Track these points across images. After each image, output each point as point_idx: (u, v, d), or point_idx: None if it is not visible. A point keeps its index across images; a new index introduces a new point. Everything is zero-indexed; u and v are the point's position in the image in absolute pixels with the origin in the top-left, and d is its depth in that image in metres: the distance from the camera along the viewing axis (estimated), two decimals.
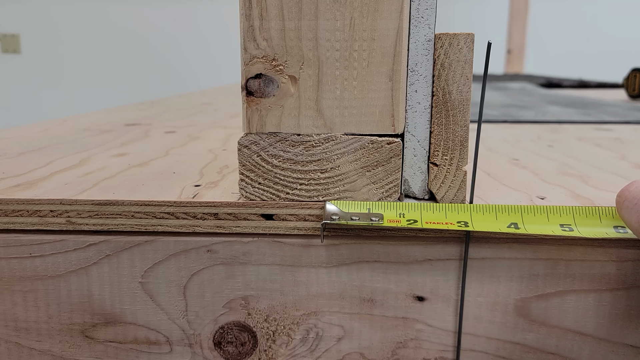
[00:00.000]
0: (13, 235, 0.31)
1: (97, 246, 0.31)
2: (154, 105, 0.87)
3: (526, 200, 0.30)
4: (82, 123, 0.63)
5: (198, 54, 2.95)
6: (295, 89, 0.28)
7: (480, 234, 0.30)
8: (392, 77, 0.28)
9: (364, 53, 0.28)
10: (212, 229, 0.30)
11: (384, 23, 0.27)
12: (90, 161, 0.41)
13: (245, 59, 0.28)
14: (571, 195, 0.31)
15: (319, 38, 0.28)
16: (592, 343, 0.31)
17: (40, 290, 0.31)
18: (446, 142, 0.29)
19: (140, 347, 0.32)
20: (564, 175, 0.37)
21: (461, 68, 0.28)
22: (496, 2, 2.80)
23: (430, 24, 0.28)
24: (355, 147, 0.29)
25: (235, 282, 0.31)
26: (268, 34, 0.28)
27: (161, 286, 0.31)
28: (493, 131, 0.59)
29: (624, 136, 0.56)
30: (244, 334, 0.32)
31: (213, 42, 2.93)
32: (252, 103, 0.29)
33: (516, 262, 0.30)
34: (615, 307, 0.30)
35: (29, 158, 0.42)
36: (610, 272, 0.30)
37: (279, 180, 0.30)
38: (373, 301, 0.31)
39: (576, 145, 0.50)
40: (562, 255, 0.30)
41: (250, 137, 0.29)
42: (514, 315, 0.31)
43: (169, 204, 0.30)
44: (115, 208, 0.30)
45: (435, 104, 0.29)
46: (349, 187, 0.30)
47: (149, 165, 0.39)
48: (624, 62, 2.56)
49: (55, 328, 0.32)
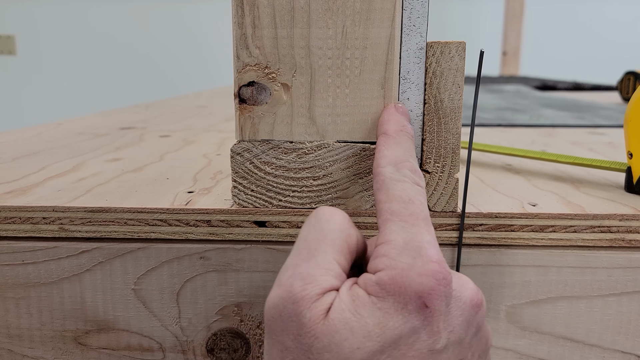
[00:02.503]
0: (5, 242, 0.31)
1: (90, 253, 0.31)
2: (149, 108, 0.87)
3: (518, 206, 0.31)
4: (77, 127, 0.63)
5: (194, 56, 2.95)
6: (287, 96, 0.28)
7: (472, 241, 0.30)
8: (384, 85, 0.28)
9: (356, 61, 0.28)
10: (205, 236, 0.30)
11: (376, 31, 0.27)
12: (84, 166, 0.41)
13: (238, 66, 0.28)
14: (562, 202, 0.32)
15: (311, 46, 0.28)
16: (584, 349, 0.31)
17: (33, 297, 0.31)
18: (438, 149, 0.29)
19: (133, 354, 0.32)
20: (556, 180, 0.37)
21: (453, 76, 0.28)
22: (491, 4, 2.81)
23: (422, 32, 0.28)
24: (347, 154, 0.29)
25: (228, 289, 0.31)
26: (261, 42, 0.28)
27: (154, 293, 0.31)
28: (487, 135, 0.59)
29: (617, 140, 0.56)
30: (237, 341, 0.32)
31: (209, 45, 2.93)
32: (245, 110, 0.29)
33: (508, 268, 0.30)
34: (607, 314, 0.31)
35: (23, 163, 0.42)
36: (601, 279, 0.30)
37: (271, 187, 0.30)
38: None
39: (570, 149, 0.50)
40: (553, 262, 0.30)
41: (243, 144, 0.29)
42: (505, 322, 0.31)
43: (162, 211, 0.30)
44: (108, 215, 0.30)
45: (427, 112, 0.29)
46: (342, 194, 0.30)
47: (143, 170, 0.39)
48: (619, 65, 2.58)
49: (48, 335, 0.32)
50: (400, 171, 0.25)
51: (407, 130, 0.27)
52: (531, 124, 0.68)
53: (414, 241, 0.22)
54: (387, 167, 0.25)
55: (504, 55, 2.34)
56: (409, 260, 0.22)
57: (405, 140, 0.26)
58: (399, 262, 0.22)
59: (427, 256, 0.22)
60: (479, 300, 0.23)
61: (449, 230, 0.30)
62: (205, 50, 2.94)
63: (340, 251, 0.23)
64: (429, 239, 0.22)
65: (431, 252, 0.22)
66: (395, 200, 0.23)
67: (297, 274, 0.22)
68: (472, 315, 0.23)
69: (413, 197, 0.24)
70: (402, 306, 0.21)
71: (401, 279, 0.21)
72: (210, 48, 2.94)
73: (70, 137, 0.55)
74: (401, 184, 0.24)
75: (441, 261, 0.22)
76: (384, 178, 0.24)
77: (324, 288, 0.22)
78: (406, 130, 0.27)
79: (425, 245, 0.22)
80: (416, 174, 0.25)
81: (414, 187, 0.24)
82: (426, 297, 0.21)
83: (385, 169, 0.25)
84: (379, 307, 0.21)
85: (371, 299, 0.21)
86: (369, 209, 0.30)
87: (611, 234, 0.30)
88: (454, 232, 0.30)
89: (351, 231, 0.24)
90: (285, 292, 0.22)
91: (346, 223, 0.24)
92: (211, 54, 2.94)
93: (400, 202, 0.23)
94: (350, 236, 0.24)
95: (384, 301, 0.21)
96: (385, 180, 0.24)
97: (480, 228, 0.30)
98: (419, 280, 0.21)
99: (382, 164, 0.25)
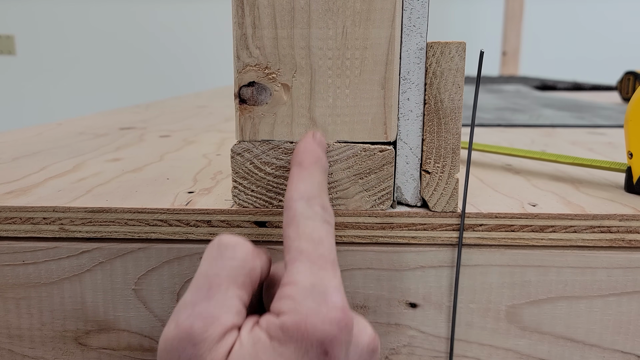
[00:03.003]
0: (6, 242, 0.31)
1: (91, 253, 0.31)
2: (149, 107, 0.87)
3: (518, 207, 0.31)
4: (77, 126, 0.63)
5: (194, 56, 2.95)
6: (288, 96, 0.28)
7: (472, 242, 0.30)
8: (384, 85, 0.28)
9: (357, 61, 0.28)
10: (206, 236, 0.30)
11: (376, 32, 0.27)
12: (84, 166, 0.41)
13: (238, 67, 0.28)
14: (562, 202, 0.32)
15: (311, 46, 0.28)
16: (584, 349, 0.31)
17: (33, 297, 0.31)
18: (438, 149, 0.29)
19: (133, 354, 0.32)
20: (556, 180, 0.37)
21: (453, 76, 0.28)
22: (491, 4, 2.80)
23: (422, 33, 0.28)
24: (347, 154, 0.29)
25: None
26: (261, 42, 0.28)
27: (154, 293, 0.31)
28: (487, 135, 0.59)
29: (616, 140, 0.56)
30: None
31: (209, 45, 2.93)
32: (245, 111, 0.29)
33: (508, 268, 0.30)
34: (607, 314, 0.31)
35: (23, 163, 0.42)
36: (601, 279, 0.30)
37: (272, 187, 0.30)
38: (366, 308, 0.31)
39: (569, 149, 0.50)
40: (553, 262, 0.30)
41: (243, 144, 0.29)
42: (505, 322, 0.31)
43: (162, 211, 0.30)
44: (109, 215, 0.30)
45: (427, 112, 0.29)
46: (342, 195, 0.30)
47: (143, 170, 0.39)
48: (618, 65, 2.58)
49: (49, 335, 0.32)
50: (311, 208, 0.24)
51: (321, 163, 0.27)
52: (531, 124, 0.68)
53: (320, 285, 0.22)
54: (299, 202, 0.24)
55: (504, 55, 2.34)
56: (313, 305, 0.21)
57: (319, 174, 0.26)
58: (303, 307, 0.21)
59: (332, 302, 0.22)
60: (375, 345, 0.24)
61: (449, 231, 0.30)
62: (206, 50, 2.94)
63: (242, 286, 0.23)
64: (335, 284, 0.22)
65: (336, 298, 0.22)
66: (305, 239, 0.23)
67: (197, 314, 0.22)
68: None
69: (323, 237, 0.23)
70: (304, 353, 0.21)
71: (305, 325, 0.21)
72: (210, 48, 2.93)
73: (70, 137, 0.55)
74: (312, 222, 0.24)
75: (345, 308, 0.22)
76: (294, 213, 0.24)
77: (225, 327, 0.21)
78: (321, 162, 0.27)
79: (331, 290, 0.22)
80: (327, 211, 0.25)
81: (324, 226, 0.24)
82: (328, 345, 0.21)
83: (297, 203, 0.24)
84: (280, 353, 0.21)
85: (272, 344, 0.21)
86: (369, 209, 0.30)
87: (611, 234, 0.30)
88: (454, 232, 0.30)
89: (255, 263, 0.24)
90: (185, 333, 0.21)
91: (250, 255, 0.24)
92: (211, 54, 2.93)
93: (310, 242, 0.23)
94: (253, 270, 0.23)
95: (286, 347, 0.21)
96: (296, 216, 0.24)
97: (481, 228, 0.30)
98: (322, 328, 0.21)
99: (294, 197, 0.25)
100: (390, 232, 0.30)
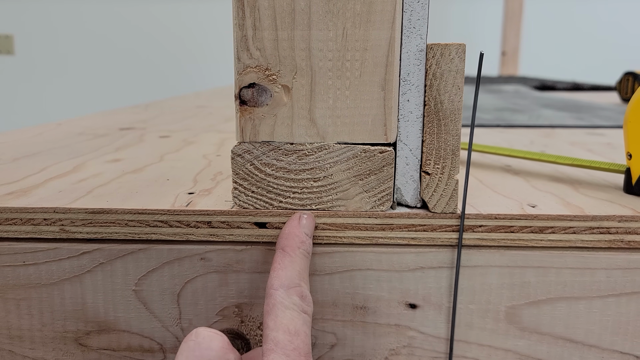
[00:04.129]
0: (6, 243, 0.31)
1: (91, 254, 0.31)
2: (148, 108, 0.87)
3: (517, 208, 0.31)
4: (76, 127, 0.63)
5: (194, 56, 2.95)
6: (288, 98, 0.29)
7: (472, 242, 0.30)
8: (384, 86, 0.28)
9: (357, 63, 0.28)
10: (206, 237, 0.30)
11: (376, 33, 0.28)
12: (84, 167, 0.41)
13: (238, 68, 0.28)
14: (561, 203, 0.32)
15: (311, 48, 0.28)
16: (583, 350, 0.31)
17: (33, 298, 0.32)
18: (438, 151, 0.29)
19: (133, 355, 0.32)
20: (556, 181, 0.38)
21: (453, 78, 0.29)
22: (491, 4, 2.81)
23: (422, 34, 0.29)
24: (347, 155, 0.29)
25: (229, 290, 0.31)
26: (261, 44, 0.28)
27: (155, 294, 0.31)
28: (486, 136, 0.59)
29: (615, 141, 0.56)
30: (237, 341, 0.32)
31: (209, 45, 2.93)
32: (246, 112, 0.29)
33: (507, 269, 0.30)
34: (606, 314, 0.31)
35: (23, 164, 0.42)
36: (600, 280, 0.30)
37: (272, 188, 0.30)
38: (366, 308, 0.31)
39: (569, 150, 0.50)
40: (553, 263, 0.30)
41: (243, 145, 0.29)
42: (505, 322, 0.31)
43: (163, 212, 0.30)
44: (109, 216, 0.30)
45: (427, 113, 0.29)
46: (342, 196, 0.30)
47: (143, 171, 0.40)
48: (617, 65, 2.58)
49: (49, 336, 0.32)
50: (290, 297, 0.25)
51: (304, 247, 0.28)
52: (530, 124, 0.68)
53: None
54: (279, 290, 0.25)
55: (503, 56, 2.34)
56: None
57: (301, 260, 0.27)
58: None
59: None
60: None
61: (449, 232, 0.30)
62: (206, 50, 2.94)
63: None
64: None
65: None
66: (282, 330, 0.24)
67: None
68: None
69: (299, 328, 0.24)
70: None
71: None
72: (210, 48, 2.93)
73: (70, 137, 0.55)
74: (290, 312, 0.25)
75: None
76: (274, 302, 0.25)
77: None
78: (304, 247, 0.27)
79: None
80: (304, 300, 0.26)
81: (301, 317, 0.25)
82: None
83: (278, 292, 0.25)
84: None
85: None
86: (369, 210, 0.30)
87: (610, 235, 0.30)
88: (453, 233, 0.30)
89: (230, 356, 0.24)
90: None
91: (225, 348, 0.24)
92: (211, 54, 2.93)
93: (287, 334, 0.24)
94: None
95: None
96: (275, 305, 0.25)
97: (480, 229, 0.30)
98: None
99: (274, 285, 0.26)
100: (390, 233, 0.30)
